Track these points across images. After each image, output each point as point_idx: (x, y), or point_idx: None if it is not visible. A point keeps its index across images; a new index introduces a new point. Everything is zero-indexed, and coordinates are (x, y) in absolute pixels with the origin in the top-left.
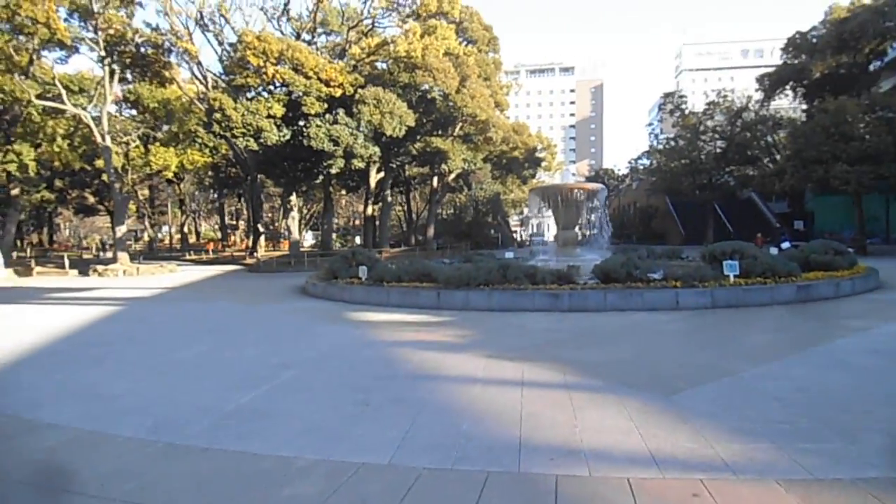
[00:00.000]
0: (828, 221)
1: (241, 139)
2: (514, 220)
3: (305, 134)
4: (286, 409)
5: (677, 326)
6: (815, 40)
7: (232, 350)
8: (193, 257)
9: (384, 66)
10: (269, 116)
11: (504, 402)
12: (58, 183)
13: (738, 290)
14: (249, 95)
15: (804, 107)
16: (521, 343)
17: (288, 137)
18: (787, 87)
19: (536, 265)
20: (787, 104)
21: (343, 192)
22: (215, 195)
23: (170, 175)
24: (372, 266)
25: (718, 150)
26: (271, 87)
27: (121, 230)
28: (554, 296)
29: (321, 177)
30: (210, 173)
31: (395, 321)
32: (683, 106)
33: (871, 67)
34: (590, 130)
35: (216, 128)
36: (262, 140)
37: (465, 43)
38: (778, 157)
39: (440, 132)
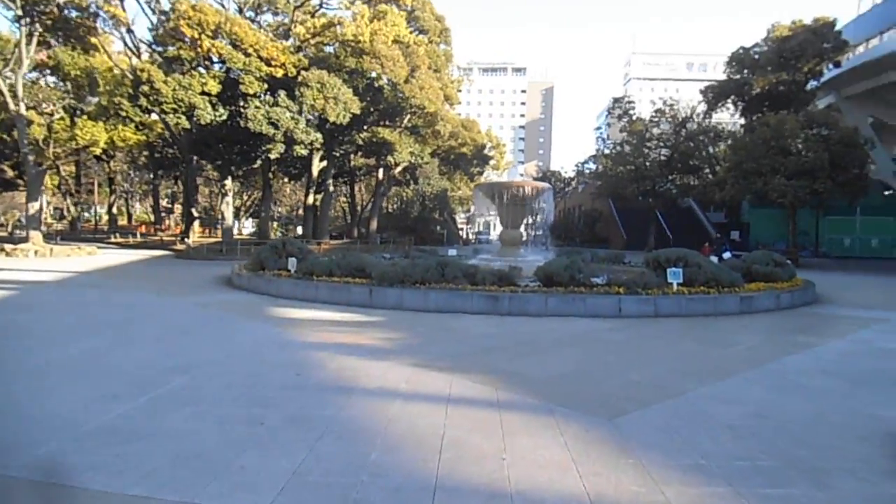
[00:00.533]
0: (762, 233)
1: (171, 116)
2: (461, 218)
3: (243, 115)
4: (162, 427)
5: (620, 336)
6: (757, 56)
7: (125, 348)
8: (120, 240)
9: (331, 50)
10: (203, 93)
11: (425, 424)
12: None
13: (681, 299)
14: (183, 70)
15: (743, 121)
16: (453, 350)
17: (224, 117)
18: (729, 100)
19: (478, 264)
20: (728, 117)
21: (286, 179)
22: (150, 176)
23: (97, 151)
24: (303, 258)
25: (663, 158)
26: (208, 63)
27: (34, 206)
28: (493, 298)
29: (259, 161)
30: (145, 153)
31: (320, 319)
32: (631, 111)
33: (808, 87)
34: (539, 132)
35: (143, 101)
36: (195, 118)
37: (416, 32)
38: (718, 168)
39: (387, 122)
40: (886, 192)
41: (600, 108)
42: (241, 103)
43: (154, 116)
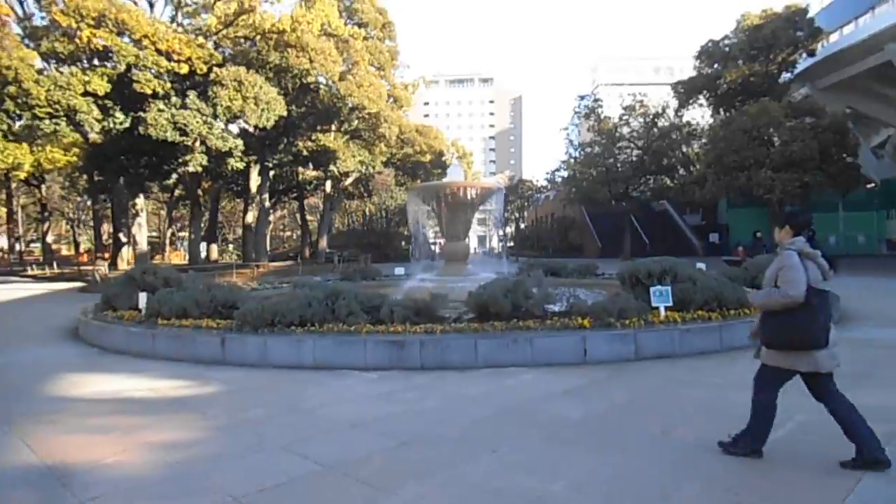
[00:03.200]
0: (742, 234)
1: (46, 122)
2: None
3: (143, 120)
4: None
5: (581, 410)
6: (727, 49)
7: None
8: (36, 272)
9: (253, 45)
10: (87, 94)
11: None
12: None
13: (672, 333)
14: (61, 67)
15: (716, 117)
16: (256, 481)
17: (126, 125)
18: (701, 95)
19: (404, 288)
20: (700, 116)
21: (234, 197)
22: (88, 201)
23: (22, 176)
24: (170, 289)
25: (634, 158)
26: (95, 59)
27: None
28: (398, 345)
29: (175, 176)
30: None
31: (116, 397)
32: (599, 110)
33: (782, 79)
34: (509, 142)
35: (9, 105)
36: (81, 125)
37: (353, 26)
38: (693, 168)
39: (325, 127)
40: (869, 186)
41: (570, 116)
42: (145, 107)
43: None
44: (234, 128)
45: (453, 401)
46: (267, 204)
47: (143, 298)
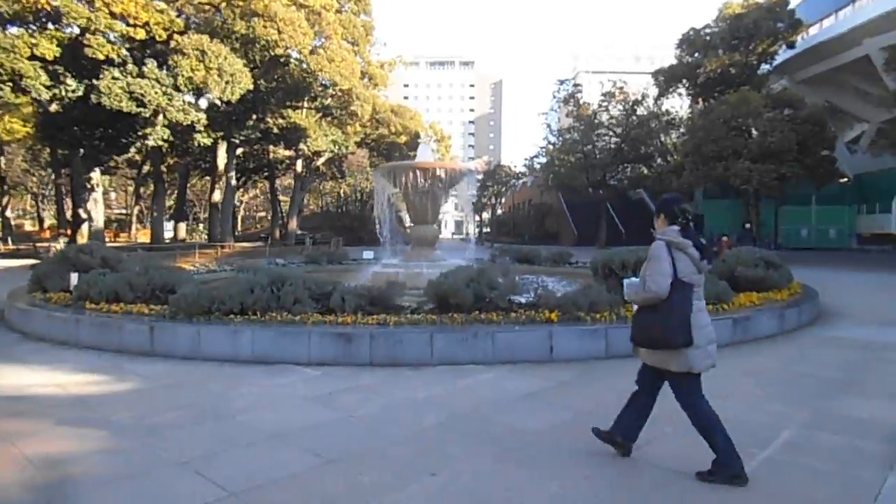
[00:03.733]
0: (717, 226)
1: None
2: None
3: (96, 88)
4: None
5: (545, 419)
6: (708, 37)
7: None
8: None
9: (218, 13)
10: (33, 58)
11: None
12: None
13: None
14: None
15: (695, 107)
16: None
17: (80, 93)
18: (681, 84)
19: (367, 273)
20: (679, 106)
21: (203, 174)
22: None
23: None
24: (104, 270)
25: (613, 146)
26: (50, 25)
27: None
28: (346, 338)
29: (133, 149)
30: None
31: (18, 393)
32: (579, 95)
33: (761, 70)
34: (489, 127)
35: None
36: (29, 91)
37: None
38: (671, 158)
39: (295, 103)
40: (842, 180)
41: (550, 101)
42: (100, 74)
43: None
44: (203, 102)
45: (398, 406)
46: (234, 182)
47: (73, 279)
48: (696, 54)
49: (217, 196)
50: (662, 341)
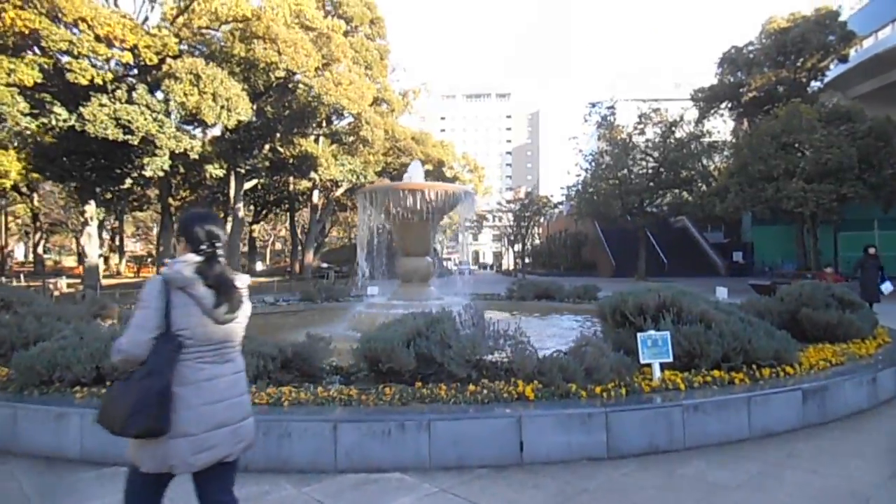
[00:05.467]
0: (768, 253)
1: None
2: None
3: (81, 115)
4: None
5: None
6: (751, 55)
7: None
8: None
9: (216, 37)
10: (10, 85)
11: None
12: None
13: (670, 410)
14: None
15: (742, 128)
16: None
17: (71, 123)
18: (723, 105)
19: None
20: (722, 126)
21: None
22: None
23: (8, 184)
24: None
25: (650, 170)
26: (36, 50)
27: None
28: None
29: (129, 180)
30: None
31: None
32: (612, 118)
33: (810, 88)
34: (526, 157)
35: None
36: (5, 121)
37: (335, 19)
38: (714, 181)
39: (302, 130)
40: None
41: (581, 125)
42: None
43: None
44: (217, 130)
45: None
46: (241, 213)
47: None
48: (739, 73)
49: (228, 228)
50: (118, 423)
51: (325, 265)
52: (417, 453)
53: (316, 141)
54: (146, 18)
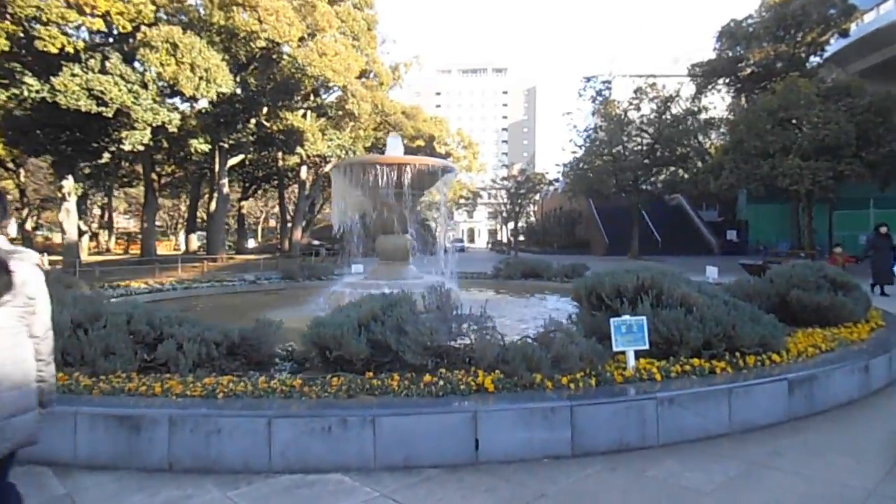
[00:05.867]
0: (763, 232)
1: None
2: (444, 222)
3: (54, 87)
4: None
5: None
6: (750, 28)
7: None
8: None
9: (197, 4)
10: None
11: None
12: None
13: (643, 403)
14: None
15: (735, 104)
16: None
17: (44, 94)
18: (720, 81)
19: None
20: (719, 103)
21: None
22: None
23: None
24: None
25: (645, 147)
26: (3, 17)
27: None
28: (131, 426)
29: (107, 154)
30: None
31: None
32: (607, 93)
33: (809, 63)
34: (523, 134)
35: None
36: None
37: None
38: (709, 159)
39: (286, 103)
40: None
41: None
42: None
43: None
44: (203, 103)
45: None
46: (226, 190)
47: None
48: (738, 47)
49: (213, 205)
50: None
51: (316, 242)
52: (361, 452)
53: (304, 116)
54: None
